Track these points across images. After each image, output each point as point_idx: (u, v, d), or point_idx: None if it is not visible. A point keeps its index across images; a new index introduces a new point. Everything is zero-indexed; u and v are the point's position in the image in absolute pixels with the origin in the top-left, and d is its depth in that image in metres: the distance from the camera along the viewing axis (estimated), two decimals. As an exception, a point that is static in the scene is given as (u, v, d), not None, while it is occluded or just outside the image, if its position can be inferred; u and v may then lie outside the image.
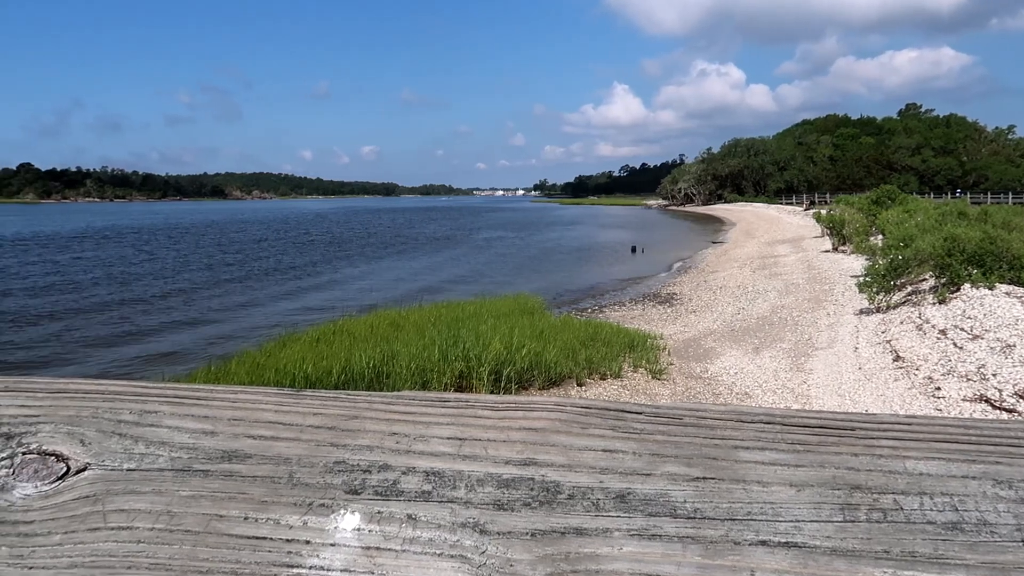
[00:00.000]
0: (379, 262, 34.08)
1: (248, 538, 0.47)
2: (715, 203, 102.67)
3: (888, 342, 11.02)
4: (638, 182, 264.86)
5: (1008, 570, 0.41)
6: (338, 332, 12.35)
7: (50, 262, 33.48)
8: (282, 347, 11.35)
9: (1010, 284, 12.15)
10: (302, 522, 0.47)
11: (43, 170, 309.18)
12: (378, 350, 10.08)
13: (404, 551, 0.45)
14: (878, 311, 13.60)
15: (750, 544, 0.43)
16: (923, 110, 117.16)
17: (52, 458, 0.52)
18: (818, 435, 0.49)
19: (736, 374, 10.42)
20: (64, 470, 0.52)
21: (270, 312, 18.88)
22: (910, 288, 14.64)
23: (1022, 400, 7.81)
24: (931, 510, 0.44)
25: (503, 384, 9.36)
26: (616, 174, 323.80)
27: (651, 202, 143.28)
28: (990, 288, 12.01)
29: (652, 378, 10.16)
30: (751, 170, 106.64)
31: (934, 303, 12.43)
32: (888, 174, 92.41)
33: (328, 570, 0.45)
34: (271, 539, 0.46)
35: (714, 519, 0.45)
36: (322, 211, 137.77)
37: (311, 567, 0.45)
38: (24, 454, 0.53)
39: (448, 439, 0.51)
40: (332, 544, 0.46)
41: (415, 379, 9.16)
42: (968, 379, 8.60)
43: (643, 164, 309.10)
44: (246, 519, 0.47)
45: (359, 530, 0.46)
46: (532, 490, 0.47)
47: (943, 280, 13.18)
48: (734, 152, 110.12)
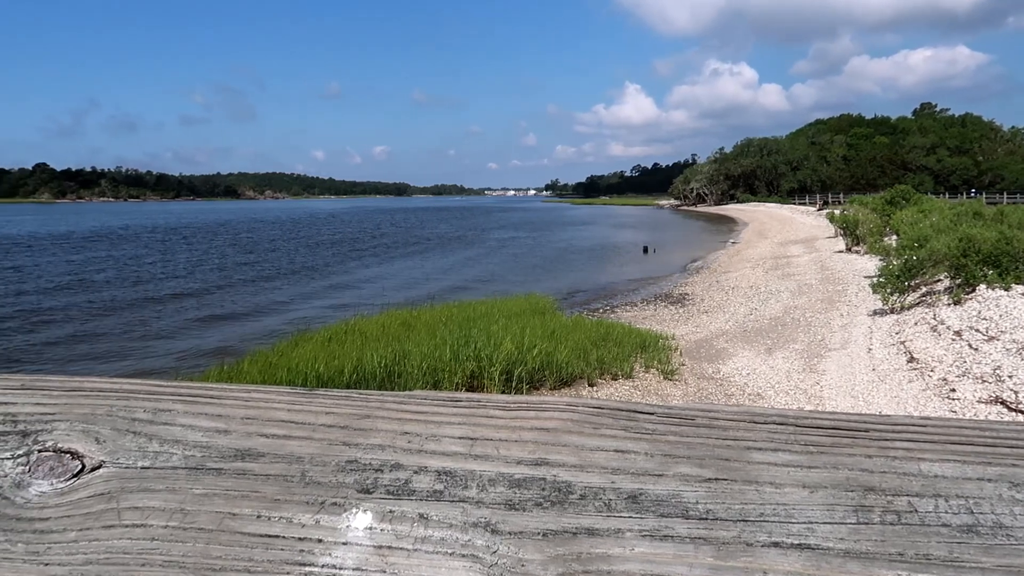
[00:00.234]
0: (390, 262, 34.16)
1: (261, 536, 0.47)
2: (727, 203, 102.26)
3: (902, 343, 10.94)
4: (650, 182, 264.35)
5: None
6: (350, 332, 12.39)
7: (64, 262, 33.77)
8: (294, 346, 11.40)
9: (1026, 285, 12.04)
10: (314, 521, 0.47)
11: (58, 170, 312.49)
12: (390, 350, 10.11)
13: (416, 550, 0.45)
14: (892, 312, 13.51)
15: (762, 545, 0.43)
16: (938, 109, 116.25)
17: (67, 456, 0.53)
18: (831, 436, 0.49)
19: (748, 375, 10.37)
20: (79, 468, 0.52)
21: (282, 312, 18.96)
22: (924, 289, 14.53)
23: (1038, 402, 7.74)
24: (946, 512, 0.44)
25: (514, 384, 9.36)
26: (628, 174, 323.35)
27: (663, 202, 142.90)
28: (1006, 289, 11.90)
29: (664, 379, 10.13)
30: (764, 170, 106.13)
31: (949, 304, 12.33)
32: (902, 174, 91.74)
33: (340, 569, 0.45)
34: (284, 537, 0.47)
35: (726, 520, 0.45)
36: (334, 211, 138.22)
37: (323, 566, 0.45)
38: (40, 452, 0.53)
39: (460, 439, 0.51)
40: (344, 543, 0.46)
41: (426, 379, 9.18)
42: (983, 381, 8.52)
43: (655, 164, 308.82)
44: (259, 517, 0.48)
45: (371, 529, 0.46)
46: (544, 490, 0.47)
47: (958, 281, 13.07)
48: (747, 152, 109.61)
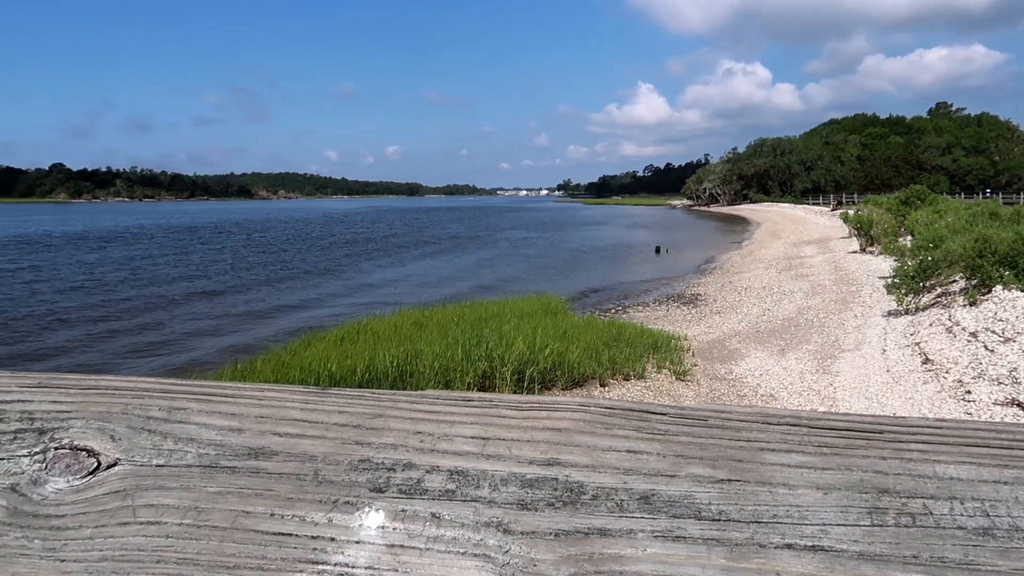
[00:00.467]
0: (403, 262, 34.24)
1: (274, 534, 0.47)
2: (740, 203, 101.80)
3: (917, 344, 10.86)
4: (662, 182, 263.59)
5: None
6: (362, 331, 12.43)
7: (80, 262, 34.06)
8: (307, 346, 11.45)
9: (1043, 286, 11.92)
10: (327, 519, 0.47)
11: (74, 170, 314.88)
12: (402, 349, 10.14)
13: (428, 549, 0.45)
14: (907, 313, 13.41)
15: (776, 547, 0.43)
16: (954, 109, 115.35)
17: (83, 453, 0.53)
18: (845, 438, 0.49)
19: (761, 376, 10.33)
20: (95, 465, 0.53)
21: (295, 311, 19.04)
22: (940, 290, 14.42)
23: (1055, 404, 7.66)
24: (961, 515, 0.43)
25: (526, 384, 9.36)
26: (640, 174, 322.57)
27: (675, 202, 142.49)
28: (1023, 290, 11.79)
29: (676, 379, 10.10)
30: (777, 170, 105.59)
31: (964, 305, 12.23)
32: (917, 174, 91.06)
33: (353, 567, 0.45)
34: (297, 536, 0.47)
35: (739, 522, 0.44)
36: (347, 211, 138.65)
37: (336, 564, 0.45)
38: (56, 449, 0.54)
39: (472, 438, 0.51)
40: (357, 541, 0.46)
41: (438, 378, 9.19)
42: (999, 383, 8.45)
43: (668, 164, 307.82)
44: (272, 516, 0.48)
45: (383, 528, 0.46)
46: (556, 490, 0.47)
47: (974, 282, 12.97)
48: (760, 152, 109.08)
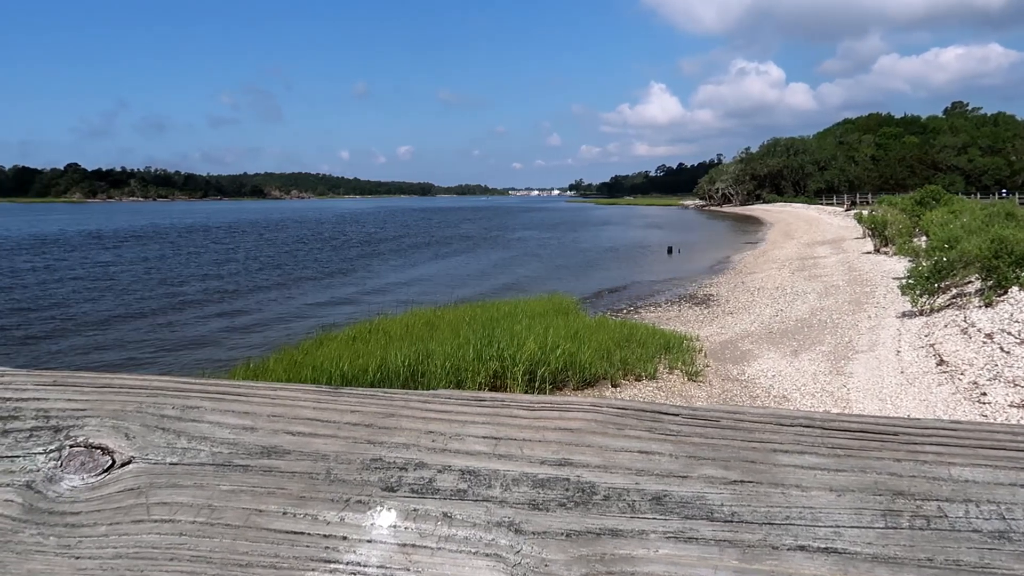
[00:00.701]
0: (414, 262, 34.32)
1: (286, 533, 0.47)
2: (753, 203, 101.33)
3: (932, 346, 10.78)
4: (675, 182, 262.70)
5: None
6: (374, 331, 12.46)
7: (93, 261, 34.33)
8: (319, 345, 11.49)
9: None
10: (339, 518, 0.47)
11: (89, 170, 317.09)
12: (413, 349, 10.15)
13: (439, 549, 0.45)
14: (921, 314, 13.31)
15: (788, 549, 0.43)
16: (970, 108, 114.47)
17: (98, 451, 0.54)
18: (859, 439, 0.48)
19: (774, 377, 10.28)
20: (109, 463, 0.53)
21: (307, 310, 19.13)
22: (955, 291, 14.30)
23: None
24: (977, 518, 0.43)
25: (537, 384, 9.36)
26: (652, 174, 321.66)
27: (688, 202, 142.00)
28: (1039, 291, 11.67)
29: (688, 380, 10.07)
30: (790, 170, 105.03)
31: (980, 306, 12.12)
32: (933, 174, 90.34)
33: (364, 566, 0.45)
34: (309, 534, 0.47)
35: (752, 523, 0.44)
36: (359, 211, 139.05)
37: (348, 563, 0.45)
38: (71, 447, 0.54)
39: (484, 438, 0.51)
40: (369, 540, 0.46)
41: (450, 378, 9.20)
42: (1016, 384, 8.37)
43: (680, 164, 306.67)
44: (285, 514, 0.48)
45: (395, 527, 0.46)
46: (567, 490, 0.47)
47: (990, 283, 12.85)
48: (773, 152, 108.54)
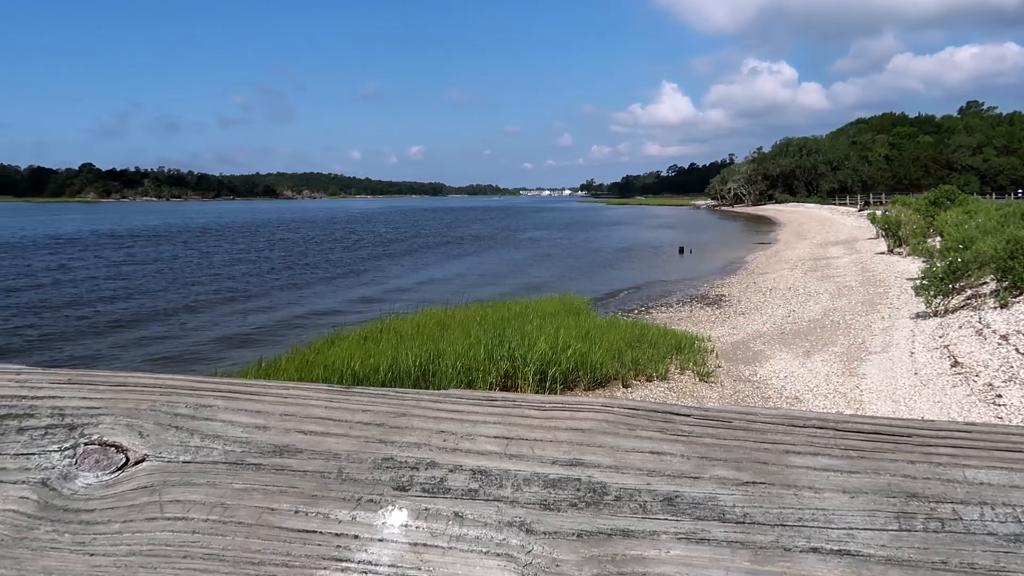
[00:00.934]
0: (425, 261, 34.39)
1: (298, 531, 0.47)
2: (765, 203, 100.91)
3: (946, 347, 10.70)
4: (686, 182, 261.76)
5: None
6: (385, 330, 12.49)
7: (108, 260, 34.59)
8: (330, 345, 11.53)
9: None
10: (351, 517, 0.47)
11: (103, 170, 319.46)
12: (424, 349, 10.17)
13: (451, 548, 0.45)
14: (935, 315, 13.21)
15: (801, 551, 0.43)
16: (985, 107, 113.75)
17: (112, 449, 0.54)
18: (873, 441, 0.48)
19: (786, 378, 10.23)
20: (123, 461, 0.53)
21: (318, 309, 19.19)
22: (970, 292, 14.19)
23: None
24: (992, 521, 0.43)
25: (548, 384, 9.35)
26: (664, 174, 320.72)
27: (699, 202, 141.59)
28: (1055, 292, 11.57)
29: (699, 380, 10.04)
30: (803, 170, 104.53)
31: (995, 307, 12.02)
32: (947, 174, 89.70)
33: (376, 565, 0.45)
34: (321, 533, 0.47)
35: (764, 524, 0.44)
36: (370, 211, 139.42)
37: (359, 561, 0.46)
38: (86, 444, 0.55)
39: (495, 438, 0.51)
40: (380, 539, 0.46)
41: (461, 378, 9.21)
42: (1031, 386, 8.29)
43: (691, 164, 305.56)
44: (297, 513, 0.48)
45: (406, 526, 0.46)
46: (579, 491, 0.47)
47: (1005, 283, 12.74)
48: (786, 152, 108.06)
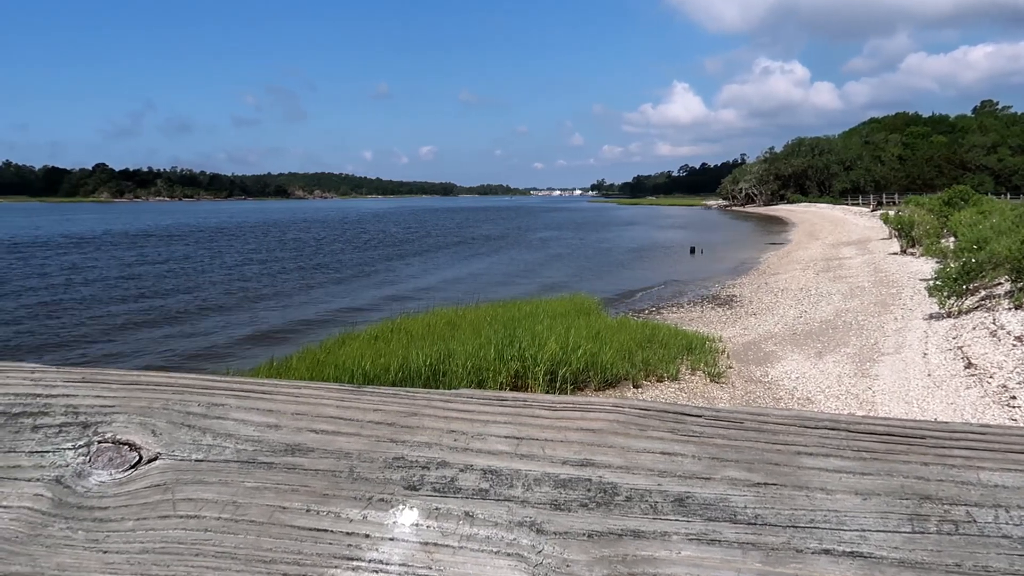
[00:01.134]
0: (436, 261, 34.44)
1: (310, 530, 0.48)
2: (777, 203, 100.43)
3: (959, 348, 10.62)
4: (698, 182, 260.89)
5: None
6: (395, 330, 12.51)
7: (118, 259, 34.83)
8: (341, 344, 11.56)
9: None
10: (362, 516, 0.48)
11: (117, 170, 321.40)
12: (435, 348, 10.18)
13: (461, 548, 0.45)
14: (949, 316, 13.11)
15: (813, 552, 0.42)
16: (1000, 107, 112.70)
17: (125, 447, 0.55)
18: (886, 443, 0.48)
19: (798, 379, 10.18)
20: (136, 459, 0.54)
21: (330, 309, 19.26)
22: (984, 292, 14.08)
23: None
24: (1007, 524, 0.42)
25: (558, 384, 9.35)
26: (675, 174, 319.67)
27: (711, 202, 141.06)
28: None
29: (710, 381, 10.01)
30: (815, 170, 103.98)
31: (1010, 308, 11.92)
32: (961, 174, 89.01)
33: (387, 564, 0.45)
34: (332, 531, 0.47)
35: (776, 526, 0.44)
36: (382, 211, 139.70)
37: (370, 560, 0.46)
38: (100, 442, 0.55)
39: (505, 438, 0.51)
40: (391, 539, 0.46)
41: (471, 378, 9.22)
42: (1046, 388, 8.22)
43: (703, 164, 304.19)
44: (308, 511, 0.48)
45: (417, 526, 0.47)
46: (589, 491, 0.47)
47: (1020, 284, 12.64)
48: (798, 151, 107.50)
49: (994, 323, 11.32)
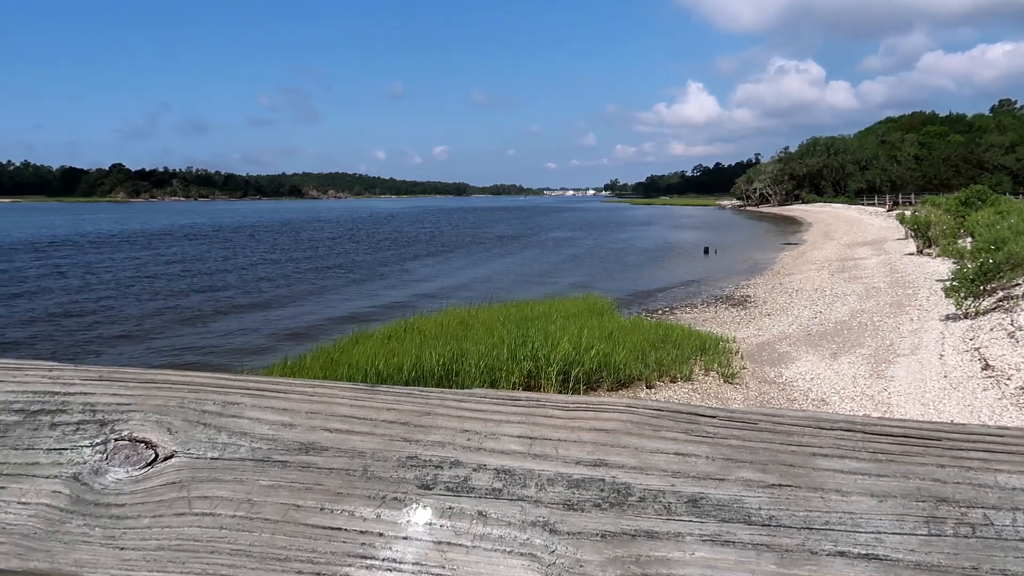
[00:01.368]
0: (449, 261, 34.50)
1: (324, 528, 0.48)
2: (792, 203, 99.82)
3: (977, 350, 10.51)
4: (712, 182, 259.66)
5: None
6: (409, 330, 12.54)
7: (133, 258, 35.12)
8: (355, 343, 11.60)
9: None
10: (375, 515, 0.48)
11: (133, 170, 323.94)
12: (448, 348, 10.20)
13: (474, 547, 0.45)
14: (966, 317, 12.99)
15: (828, 554, 0.42)
16: (1019, 106, 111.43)
17: (142, 445, 0.55)
18: (902, 444, 0.48)
19: (812, 380, 10.12)
20: (152, 457, 0.54)
21: (343, 309, 19.33)
22: (1001, 293, 13.94)
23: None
24: None
25: (571, 384, 9.34)
26: (689, 174, 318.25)
27: (725, 202, 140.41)
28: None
29: (724, 382, 9.96)
30: (830, 170, 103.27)
31: (1028, 309, 11.79)
32: (978, 174, 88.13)
33: (400, 563, 0.46)
34: (346, 530, 0.48)
35: (790, 527, 0.44)
36: (395, 211, 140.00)
37: (384, 559, 0.46)
38: (116, 440, 0.56)
39: (519, 437, 0.51)
40: (404, 537, 0.47)
41: (484, 378, 9.23)
42: (1065, 390, 8.13)
43: (717, 164, 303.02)
44: (322, 510, 0.49)
45: (430, 525, 0.47)
46: (602, 491, 0.47)
47: (1038, 285, 12.50)
48: (813, 151, 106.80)
49: (1012, 324, 11.20)
